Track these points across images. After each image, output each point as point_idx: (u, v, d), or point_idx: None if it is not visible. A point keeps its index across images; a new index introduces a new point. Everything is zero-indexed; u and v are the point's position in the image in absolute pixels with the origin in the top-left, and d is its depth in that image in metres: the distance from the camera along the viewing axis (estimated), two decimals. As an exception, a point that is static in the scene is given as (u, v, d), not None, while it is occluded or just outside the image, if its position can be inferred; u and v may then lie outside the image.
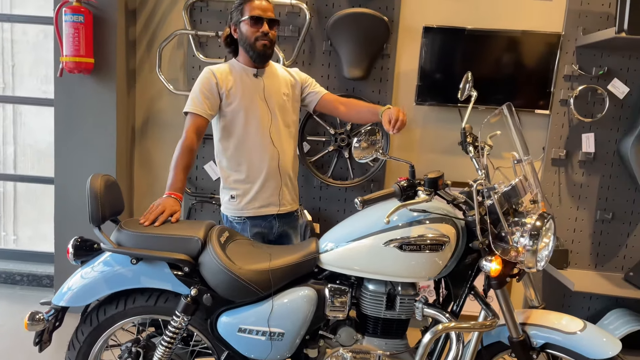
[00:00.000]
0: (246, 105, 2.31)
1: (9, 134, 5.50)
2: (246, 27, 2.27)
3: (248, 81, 2.34)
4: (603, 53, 3.02)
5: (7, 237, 5.81)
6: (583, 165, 3.14)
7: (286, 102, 2.41)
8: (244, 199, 2.35)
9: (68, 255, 1.89)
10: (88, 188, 1.82)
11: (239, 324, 1.81)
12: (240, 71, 2.35)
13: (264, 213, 2.37)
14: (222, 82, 2.29)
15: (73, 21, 2.90)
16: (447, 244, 1.76)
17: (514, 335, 1.82)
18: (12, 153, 5.38)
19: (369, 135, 1.78)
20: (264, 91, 2.35)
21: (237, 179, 2.36)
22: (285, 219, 2.47)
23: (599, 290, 2.86)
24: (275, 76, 2.42)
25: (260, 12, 2.25)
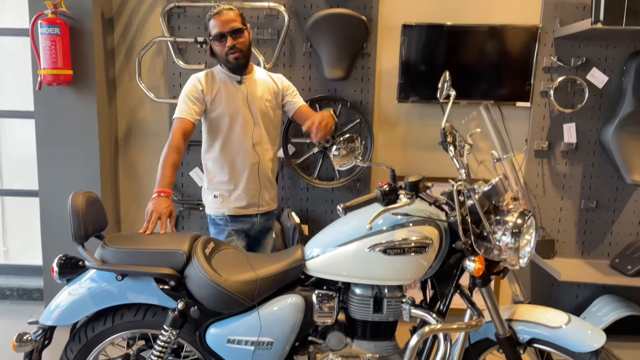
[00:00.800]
0: (230, 111, 2.38)
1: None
2: (214, 45, 2.35)
3: (232, 88, 2.40)
4: (581, 43, 3.04)
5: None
6: (566, 155, 3.17)
7: (268, 107, 2.47)
8: (227, 199, 2.44)
9: (53, 273, 1.89)
10: (69, 206, 1.82)
11: (227, 335, 1.82)
12: (225, 78, 2.41)
13: (244, 213, 2.46)
14: (208, 89, 2.37)
15: (49, 33, 2.87)
16: (431, 246, 1.78)
17: (501, 332, 1.85)
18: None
19: (348, 142, 1.79)
20: (247, 97, 2.41)
21: (220, 180, 2.45)
22: (266, 217, 2.57)
23: (586, 279, 2.90)
24: (258, 83, 2.46)
25: (221, 27, 2.28)
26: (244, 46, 2.33)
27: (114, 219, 3.40)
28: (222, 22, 2.28)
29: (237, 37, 2.30)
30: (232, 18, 2.28)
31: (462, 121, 1.98)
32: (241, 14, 2.36)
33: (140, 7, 3.23)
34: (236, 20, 2.30)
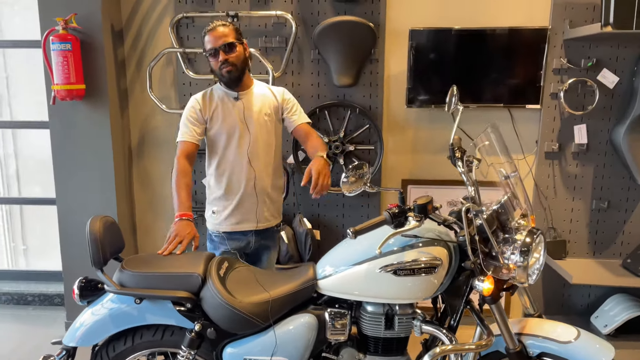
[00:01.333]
0: (226, 128, 2.41)
1: (9, 146, 5.56)
2: (209, 61, 2.39)
3: (229, 104, 2.43)
4: (591, 44, 3.02)
5: (17, 247, 5.91)
6: (577, 156, 3.16)
7: (267, 122, 2.47)
8: (222, 214, 2.47)
9: (74, 296, 1.95)
10: (87, 232, 1.87)
11: (243, 354, 1.87)
12: (222, 95, 2.45)
13: (240, 229, 2.47)
14: (205, 108, 2.42)
15: (61, 49, 2.91)
16: (440, 266, 1.81)
17: (511, 347, 1.88)
18: (14, 171, 5.45)
19: (357, 169, 1.82)
20: (243, 113, 2.43)
21: (217, 196, 2.49)
22: (263, 234, 2.55)
23: (597, 282, 2.92)
24: (256, 97, 2.47)
25: (213, 43, 2.31)
26: (237, 60, 2.34)
27: (129, 227, 3.48)
28: (215, 37, 2.32)
29: (229, 51, 2.32)
30: (225, 33, 2.32)
31: (470, 143, 1.99)
32: (236, 29, 2.38)
33: (149, 18, 3.26)
34: (229, 35, 2.32)
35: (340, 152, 3.18)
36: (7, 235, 5.80)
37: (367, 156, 3.25)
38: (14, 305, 3.83)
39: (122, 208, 3.35)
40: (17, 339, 3.32)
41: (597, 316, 3.24)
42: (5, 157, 5.67)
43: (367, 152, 3.24)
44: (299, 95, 3.21)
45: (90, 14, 3.02)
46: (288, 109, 2.54)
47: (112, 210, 3.29)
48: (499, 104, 3.10)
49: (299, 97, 3.18)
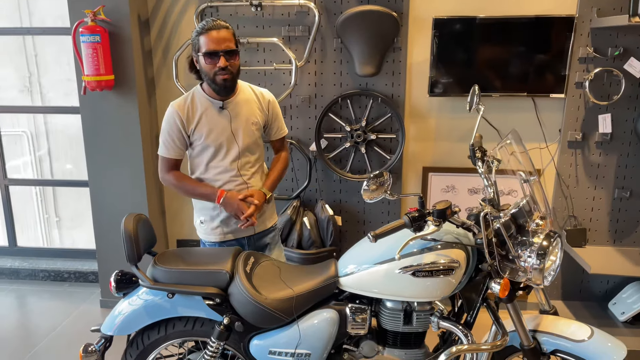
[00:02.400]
0: (213, 141, 2.27)
1: (41, 125, 5.74)
2: (203, 61, 2.18)
3: (214, 115, 2.26)
4: (619, 33, 2.97)
5: (51, 219, 6.16)
6: (600, 146, 3.15)
7: (255, 131, 2.33)
8: (211, 225, 2.37)
9: (111, 288, 2.08)
10: (122, 230, 1.98)
11: (269, 347, 1.99)
12: (205, 104, 2.27)
13: (233, 237, 2.39)
14: (187, 121, 2.25)
15: (90, 42, 2.99)
16: (458, 268, 1.87)
17: (525, 344, 1.95)
18: (46, 149, 5.64)
19: (377, 177, 1.87)
20: (230, 125, 2.27)
21: (203, 206, 2.39)
22: (258, 236, 2.46)
23: (616, 272, 2.95)
24: (243, 104, 2.31)
25: (215, 45, 2.13)
26: (235, 69, 2.20)
27: (159, 211, 3.61)
28: (218, 39, 2.13)
29: (230, 58, 2.16)
30: (228, 37, 2.15)
31: (493, 149, 2.03)
32: (234, 33, 2.21)
33: (175, 8, 3.30)
34: (232, 40, 2.17)
35: (362, 140, 3.22)
36: (41, 207, 6.05)
37: (388, 144, 3.29)
38: (51, 281, 4.04)
39: (151, 193, 3.47)
40: (55, 315, 3.52)
41: (615, 303, 3.29)
42: (38, 135, 5.86)
43: (389, 140, 3.28)
44: (321, 84, 3.25)
45: (118, 5, 3.08)
46: (272, 120, 2.42)
47: (142, 194, 3.41)
48: (522, 93, 3.09)
49: (321, 86, 3.24)
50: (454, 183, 3.34)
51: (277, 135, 2.48)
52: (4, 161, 4.18)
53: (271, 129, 2.45)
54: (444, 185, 3.35)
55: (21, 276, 4.06)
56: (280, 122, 2.47)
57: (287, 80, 3.26)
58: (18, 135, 5.77)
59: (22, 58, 5.39)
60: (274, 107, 2.41)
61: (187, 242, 3.73)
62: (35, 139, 5.82)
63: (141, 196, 3.43)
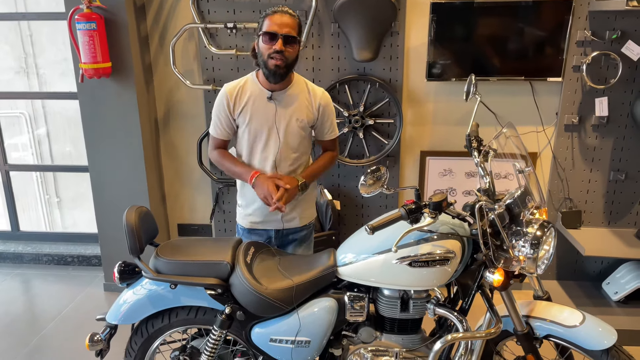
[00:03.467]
0: (254, 129, 2.28)
1: (39, 107, 5.73)
2: (261, 42, 2.17)
3: (261, 104, 2.26)
4: (617, 16, 2.96)
5: (51, 200, 6.21)
6: (596, 129, 3.17)
7: (299, 129, 2.28)
8: (246, 210, 2.42)
9: (114, 279, 2.13)
10: (124, 222, 2.02)
11: (270, 334, 2.05)
12: (256, 91, 2.27)
13: (261, 227, 2.41)
14: (234, 103, 2.27)
15: (87, 29, 2.97)
16: (454, 258, 1.92)
17: (519, 329, 2.01)
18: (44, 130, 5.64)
19: (375, 172, 1.90)
20: (274, 117, 2.26)
21: (242, 190, 2.44)
22: (288, 232, 2.45)
23: (609, 254, 3.01)
24: (292, 99, 2.27)
25: (276, 27, 2.12)
26: (291, 57, 2.16)
27: (159, 195, 3.64)
28: (281, 23, 2.12)
29: (288, 44, 2.14)
30: (291, 24, 2.14)
31: (487, 144, 2.05)
32: (299, 24, 2.20)
33: (170, -8, 3.28)
34: (294, 28, 2.15)
35: (360, 125, 3.24)
36: (42, 189, 6.09)
37: (386, 129, 3.31)
38: (54, 265, 4.11)
39: (151, 178, 3.50)
40: (60, 299, 3.60)
41: (609, 282, 3.36)
42: (36, 117, 5.86)
43: (387, 125, 3.30)
44: (319, 69, 3.25)
45: (113, -9, 3.06)
46: (323, 122, 2.35)
47: (142, 179, 3.44)
48: (520, 76, 3.10)
49: (319, 71, 3.23)
50: (451, 167, 3.37)
51: (328, 136, 2.41)
52: (4, 147, 4.19)
53: (321, 130, 2.38)
54: (442, 169, 3.38)
55: (25, 260, 4.13)
56: (332, 123, 2.39)
57: (285, 65, 3.26)
58: (16, 117, 5.77)
59: (17, 39, 5.35)
60: (325, 108, 2.32)
61: (188, 226, 3.78)
62: (34, 120, 5.82)
63: (141, 181, 3.46)
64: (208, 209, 3.69)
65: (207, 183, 3.63)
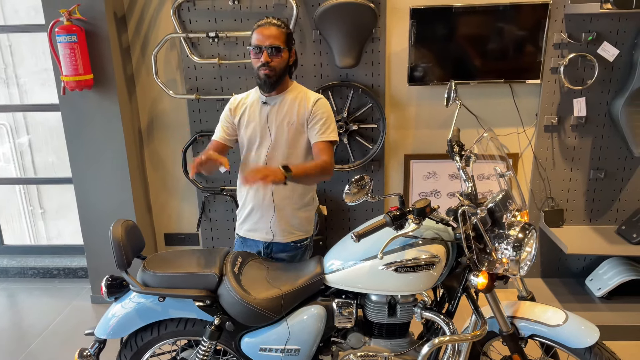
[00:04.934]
0: (249, 133, 2.35)
1: (19, 118, 5.68)
2: (251, 55, 2.27)
3: (257, 109, 2.35)
4: (592, 18, 3.02)
5: (35, 211, 6.15)
6: (575, 129, 3.24)
7: (289, 131, 2.31)
8: (240, 218, 2.49)
9: (102, 293, 2.13)
10: (111, 237, 2.02)
11: (259, 344, 2.06)
12: (256, 98, 2.37)
13: (252, 237, 2.45)
14: (236, 110, 2.38)
15: (67, 42, 2.96)
16: (438, 263, 1.95)
17: (504, 330, 2.05)
18: (27, 144, 5.58)
19: (359, 181, 1.93)
20: (267, 118, 2.33)
21: (240, 197, 2.49)
22: (277, 248, 2.44)
23: (592, 251, 3.07)
24: (287, 103, 2.32)
25: (261, 41, 2.21)
26: (278, 65, 2.22)
27: (145, 206, 3.64)
28: (264, 36, 2.20)
29: (273, 55, 2.21)
30: (274, 35, 2.20)
31: (468, 149, 2.09)
32: (288, 34, 2.26)
33: (151, 3, 3.27)
34: (279, 38, 2.21)
35: (344, 131, 3.27)
36: (25, 200, 6.03)
37: (370, 134, 3.34)
38: (40, 278, 4.07)
39: (136, 188, 3.49)
40: (47, 313, 3.57)
41: (592, 279, 3.42)
42: (17, 128, 5.80)
43: (371, 130, 3.33)
44: (302, 76, 3.27)
45: (93, 3, 3.05)
46: (314, 122, 2.31)
47: (127, 190, 3.43)
48: (499, 79, 3.15)
49: (302, 78, 3.26)
50: (435, 169, 3.41)
51: (317, 139, 2.30)
52: (-14, 161, 4.14)
53: (312, 130, 2.31)
54: (426, 171, 3.42)
55: (10, 274, 4.08)
56: (323, 127, 2.30)
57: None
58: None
59: (-4, 49, 5.30)
60: (317, 108, 2.31)
61: (174, 235, 3.77)
62: (15, 131, 5.76)
63: (126, 192, 3.45)
64: (194, 217, 3.69)
65: (193, 192, 3.63)
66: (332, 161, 2.30)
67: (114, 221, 2.23)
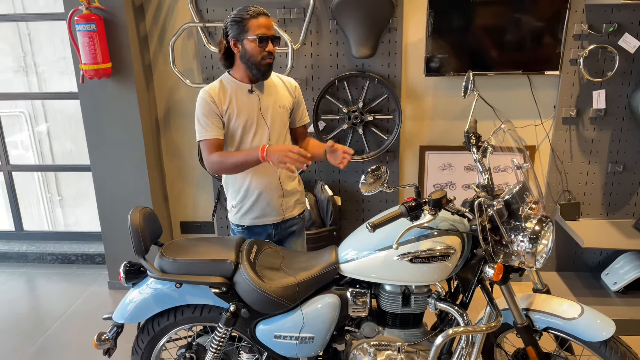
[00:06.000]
0: (243, 123, 2.31)
1: (38, 104, 5.75)
2: (251, 45, 2.21)
3: (244, 98, 2.31)
4: (613, 8, 2.97)
5: (53, 198, 6.24)
6: (594, 121, 3.20)
7: (282, 114, 2.38)
8: (241, 209, 2.43)
9: (120, 279, 2.16)
10: (129, 224, 2.05)
11: (274, 331, 2.08)
12: (235, 88, 2.31)
13: (260, 223, 2.44)
14: (219, 102, 2.28)
15: (86, 30, 2.99)
16: (454, 254, 1.95)
17: (519, 322, 2.04)
18: (45, 132, 5.66)
19: (375, 171, 1.93)
20: (259, 106, 2.33)
21: (234, 189, 2.43)
22: (284, 224, 2.50)
23: (608, 245, 3.04)
24: (271, 89, 2.37)
25: (266, 30, 2.22)
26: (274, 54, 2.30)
27: (161, 194, 3.67)
28: (267, 26, 2.23)
29: (276, 44, 2.27)
30: (271, 24, 2.26)
31: (486, 140, 2.08)
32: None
33: (168, -8, 3.29)
34: (273, 27, 2.30)
35: (359, 122, 3.26)
36: (43, 187, 6.12)
37: (385, 124, 3.33)
38: (59, 264, 4.14)
39: (153, 176, 3.53)
40: (65, 298, 3.64)
41: (608, 273, 3.39)
42: (36, 115, 5.87)
43: (386, 120, 3.32)
44: (317, 66, 3.27)
45: (112, -9, 3.07)
46: (297, 106, 2.45)
47: (144, 178, 3.47)
48: (517, 70, 3.12)
49: (317, 68, 3.26)
50: (450, 161, 3.39)
51: (301, 122, 2.51)
52: (6, 148, 4.21)
53: (296, 115, 2.47)
54: (441, 163, 3.40)
55: (30, 259, 4.16)
56: (304, 109, 2.52)
57: (284, 63, 3.28)
58: (16, 116, 5.79)
59: (15, 38, 5.36)
60: (299, 93, 2.48)
61: (191, 223, 3.81)
62: (34, 119, 5.83)
63: (143, 180, 3.49)
64: (210, 206, 3.72)
65: (209, 180, 3.66)
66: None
67: (131, 209, 2.26)
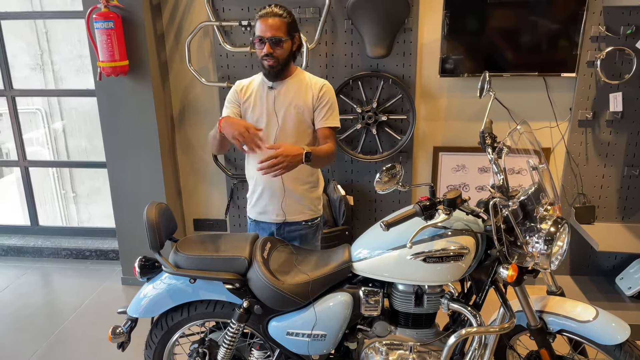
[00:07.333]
0: (256, 116, 2.38)
1: (54, 102, 5.82)
2: (254, 45, 2.30)
3: (263, 93, 2.38)
4: (631, 10, 2.95)
5: (67, 195, 6.31)
6: (610, 124, 3.17)
7: (296, 114, 2.35)
8: (251, 202, 2.52)
9: (135, 273, 2.19)
10: (145, 219, 2.07)
11: (286, 328, 2.09)
12: (261, 83, 2.40)
13: (263, 219, 2.49)
14: (242, 93, 2.41)
15: (104, 28, 3.02)
16: (468, 254, 1.95)
17: (532, 324, 2.03)
18: (61, 129, 5.72)
19: (390, 170, 1.93)
20: (274, 103, 2.36)
21: (249, 181, 2.52)
22: (290, 228, 2.49)
23: (623, 249, 3.01)
24: (293, 88, 2.37)
25: (263, 32, 2.23)
26: (281, 55, 2.26)
27: (175, 190, 3.70)
28: (265, 27, 2.22)
29: (275, 46, 2.24)
30: (276, 26, 2.22)
31: (502, 141, 2.07)
32: (289, 22, 2.26)
33: (185, -10, 3.32)
34: (280, 29, 2.23)
35: (373, 122, 3.26)
36: (58, 183, 6.19)
37: (399, 125, 3.33)
38: (73, 259, 4.19)
39: (167, 174, 3.56)
40: (79, 293, 3.68)
41: (622, 277, 3.36)
42: (52, 113, 5.95)
43: (400, 121, 3.32)
44: (332, 65, 3.28)
45: (130, -10, 3.11)
46: (319, 108, 2.37)
47: (159, 175, 3.50)
48: (533, 72, 3.10)
49: (332, 67, 3.26)
50: (464, 162, 3.38)
51: (323, 124, 2.37)
52: (23, 144, 4.26)
53: (318, 115, 2.38)
54: (455, 164, 3.40)
55: (45, 254, 4.21)
56: (329, 112, 2.38)
57: (298, 62, 3.27)
58: (33, 113, 5.87)
59: (33, 36, 5.44)
60: (324, 94, 2.37)
61: (204, 221, 3.83)
62: (50, 116, 5.91)
63: (158, 177, 3.52)
64: (223, 204, 3.74)
65: (222, 179, 3.68)
66: (336, 147, 2.43)
67: (144, 206, 2.28)
